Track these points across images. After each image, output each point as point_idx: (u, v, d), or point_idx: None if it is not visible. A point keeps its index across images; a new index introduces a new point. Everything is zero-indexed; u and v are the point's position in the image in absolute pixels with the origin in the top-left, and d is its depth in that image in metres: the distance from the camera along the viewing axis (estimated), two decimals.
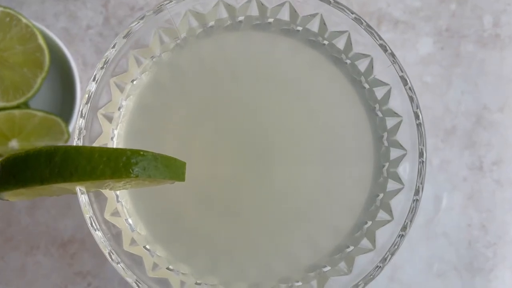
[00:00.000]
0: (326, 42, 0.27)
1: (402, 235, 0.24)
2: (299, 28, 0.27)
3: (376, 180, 0.27)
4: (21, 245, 0.46)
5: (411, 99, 0.25)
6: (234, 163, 0.27)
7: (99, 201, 0.24)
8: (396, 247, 0.23)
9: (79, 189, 0.22)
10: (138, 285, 0.22)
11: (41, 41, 0.41)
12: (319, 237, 0.27)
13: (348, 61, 0.27)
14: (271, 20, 0.27)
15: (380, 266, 0.23)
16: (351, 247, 0.26)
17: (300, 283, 0.25)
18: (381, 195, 0.26)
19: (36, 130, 0.41)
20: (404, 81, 0.25)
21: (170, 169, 0.22)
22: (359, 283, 0.23)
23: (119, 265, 0.23)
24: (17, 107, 0.42)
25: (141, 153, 0.21)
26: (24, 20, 0.41)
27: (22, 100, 0.41)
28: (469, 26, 0.50)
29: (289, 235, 0.27)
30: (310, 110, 0.28)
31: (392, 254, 0.23)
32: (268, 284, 0.25)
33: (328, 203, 0.27)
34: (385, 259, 0.23)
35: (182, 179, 0.23)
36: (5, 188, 0.22)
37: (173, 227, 0.26)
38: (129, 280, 0.22)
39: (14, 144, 0.40)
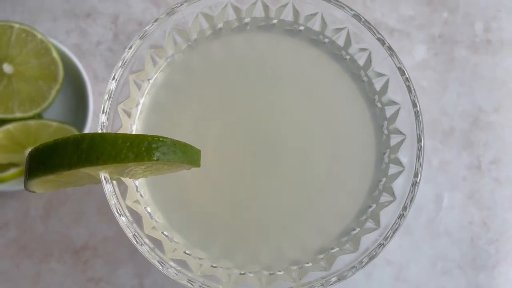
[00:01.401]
0: (326, 40, 0.29)
1: (403, 214, 0.25)
2: (301, 28, 0.29)
3: (378, 167, 0.28)
4: (36, 253, 0.47)
5: (409, 88, 0.27)
6: (245, 154, 0.29)
7: (121, 190, 0.26)
8: (397, 225, 0.25)
9: (104, 177, 0.24)
10: (161, 265, 0.24)
11: (55, 55, 0.44)
12: (327, 222, 0.28)
13: (348, 57, 0.29)
14: (275, 21, 0.29)
15: (383, 244, 0.25)
16: (357, 229, 0.27)
17: (310, 264, 0.26)
18: (384, 180, 0.28)
19: (51, 139, 0.43)
20: (402, 72, 0.26)
21: (187, 154, 0.24)
22: (364, 259, 0.25)
23: (142, 246, 0.24)
24: (33, 117, 0.43)
25: (161, 139, 0.23)
26: (39, 36, 0.43)
27: (37, 111, 0.43)
28: (461, 33, 0.52)
29: (298, 221, 0.28)
30: (314, 104, 0.29)
31: (394, 232, 0.25)
32: (280, 267, 0.27)
33: (334, 191, 0.29)
34: (387, 238, 0.25)
35: (198, 165, 0.25)
36: (35, 175, 0.23)
37: (189, 216, 0.28)
38: (153, 260, 0.24)
39: None
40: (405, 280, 0.48)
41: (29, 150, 0.42)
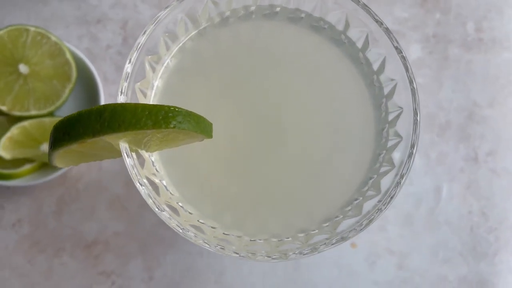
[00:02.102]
0: (326, 26, 0.31)
1: (399, 182, 0.27)
2: (303, 15, 0.31)
3: (378, 141, 0.30)
4: (48, 248, 0.48)
5: (405, 66, 0.29)
6: (253, 132, 0.30)
7: (140, 164, 0.27)
8: (394, 193, 0.27)
9: (124, 148, 0.26)
10: (181, 229, 0.25)
11: (68, 56, 0.46)
12: (332, 195, 0.30)
13: (347, 41, 0.31)
14: (278, 9, 0.31)
15: (381, 209, 0.26)
16: (360, 199, 0.29)
17: (316, 231, 0.28)
18: (384, 153, 0.29)
19: None
20: (398, 51, 0.29)
21: (200, 125, 0.26)
22: (363, 222, 0.26)
23: (163, 212, 0.26)
24: (47, 115, 0.45)
25: (177, 109, 0.25)
26: (53, 38, 0.46)
27: (52, 109, 0.45)
28: (454, 32, 0.55)
29: (305, 194, 0.30)
30: (316, 87, 0.31)
31: (392, 198, 0.26)
32: (287, 234, 0.28)
33: (338, 165, 0.30)
34: (385, 203, 0.27)
35: (210, 136, 0.27)
36: (60, 145, 0.25)
37: (201, 190, 0.30)
38: (172, 225, 0.25)
39: (45, 147, 0.44)
40: (407, 268, 0.50)
41: (44, 145, 0.44)
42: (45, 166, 0.46)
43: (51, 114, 0.46)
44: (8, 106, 0.44)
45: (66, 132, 0.25)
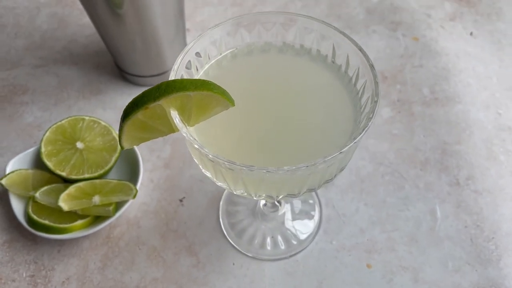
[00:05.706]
0: (303, 50, 0.45)
1: (370, 117, 0.37)
2: (288, 48, 0.46)
3: (356, 112, 0.41)
4: None
5: (363, 53, 0.41)
6: (265, 117, 0.41)
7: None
8: (367, 127, 0.36)
9: (175, 116, 0.37)
10: (227, 162, 0.34)
11: (114, 134, 0.59)
12: (330, 149, 0.39)
13: (320, 57, 0.45)
14: (270, 47, 0.46)
15: (357, 137, 0.36)
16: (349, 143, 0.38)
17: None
18: (361, 118, 0.40)
19: (112, 190, 0.54)
20: (356, 44, 0.42)
21: (226, 93, 0.37)
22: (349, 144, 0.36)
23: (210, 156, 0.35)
24: (98, 177, 0.56)
25: (209, 81, 0.37)
26: (103, 123, 0.59)
27: (101, 172, 0.56)
28: (414, 96, 0.69)
29: (310, 151, 0.40)
30: (305, 89, 0.43)
31: (363, 130, 0.36)
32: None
33: (332, 130, 0.40)
34: (360, 134, 0.36)
35: (233, 104, 0.38)
36: (131, 113, 0.36)
37: (227, 154, 0.39)
38: (220, 160, 0.34)
39: (96, 199, 0.53)
40: (423, 281, 0.54)
41: (95, 197, 0.54)
42: (93, 222, 0.55)
43: (100, 176, 0.56)
44: (66, 172, 0.55)
45: (135, 104, 0.36)
